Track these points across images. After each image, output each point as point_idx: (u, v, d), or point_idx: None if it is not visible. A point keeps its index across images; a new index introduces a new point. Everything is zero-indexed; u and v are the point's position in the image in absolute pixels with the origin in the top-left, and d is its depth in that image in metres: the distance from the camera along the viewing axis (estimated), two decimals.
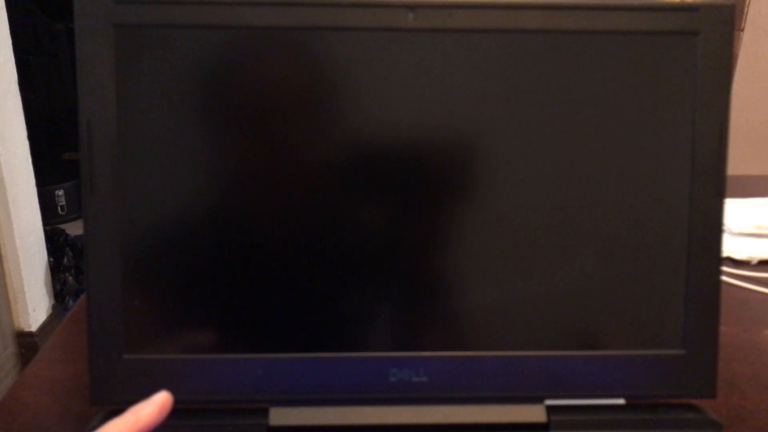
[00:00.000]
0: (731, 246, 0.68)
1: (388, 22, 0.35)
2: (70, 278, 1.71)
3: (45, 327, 1.56)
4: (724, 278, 0.60)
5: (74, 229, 1.96)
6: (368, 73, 0.36)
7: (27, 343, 1.51)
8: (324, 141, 0.36)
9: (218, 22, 0.35)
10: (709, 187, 0.37)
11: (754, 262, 0.66)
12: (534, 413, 0.37)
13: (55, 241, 1.78)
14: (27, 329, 1.52)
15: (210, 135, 0.36)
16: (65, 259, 1.74)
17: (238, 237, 0.37)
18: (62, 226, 1.96)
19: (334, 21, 0.35)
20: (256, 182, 0.37)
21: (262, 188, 0.37)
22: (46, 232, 1.62)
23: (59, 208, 2.19)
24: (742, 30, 1.69)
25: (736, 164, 0.51)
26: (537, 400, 0.38)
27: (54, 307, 1.63)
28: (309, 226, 0.37)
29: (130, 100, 0.35)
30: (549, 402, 0.38)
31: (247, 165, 0.36)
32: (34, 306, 1.53)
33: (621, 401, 0.38)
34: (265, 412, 0.37)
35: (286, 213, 0.37)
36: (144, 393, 0.36)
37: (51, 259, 1.65)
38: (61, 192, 2.18)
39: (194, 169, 0.36)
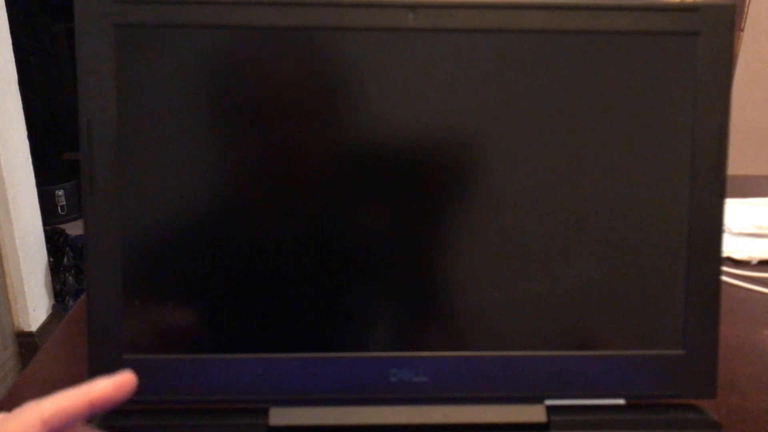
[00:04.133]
0: (731, 246, 0.68)
1: (388, 22, 0.35)
2: (70, 278, 1.71)
3: (45, 327, 1.56)
4: (724, 278, 0.60)
5: (74, 229, 1.96)
6: (369, 74, 0.36)
7: (27, 343, 1.51)
8: (324, 141, 0.36)
9: (218, 21, 0.35)
10: (710, 188, 0.37)
11: (754, 262, 0.66)
12: (534, 413, 0.37)
13: (55, 241, 1.78)
14: (27, 329, 1.52)
15: (210, 135, 0.36)
16: (65, 259, 1.74)
17: (239, 237, 0.37)
18: (62, 226, 1.96)
19: (335, 21, 0.35)
20: (256, 182, 0.37)
21: (262, 188, 0.37)
22: (46, 232, 1.61)
23: (59, 208, 2.19)
24: (742, 30, 1.69)
25: (736, 164, 0.51)
26: (537, 400, 0.38)
27: (54, 307, 1.63)
28: (309, 226, 0.37)
29: (131, 99, 0.35)
30: (549, 402, 0.38)
31: (247, 165, 0.36)
32: (34, 306, 1.53)
33: (621, 401, 0.38)
34: (265, 412, 0.37)
35: (287, 213, 0.37)
36: (144, 392, 0.36)
37: (51, 259, 1.65)
38: (61, 192, 2.18)
39: (194, 168, 0.36)
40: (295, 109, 0.36)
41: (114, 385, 0.31)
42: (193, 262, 0.37)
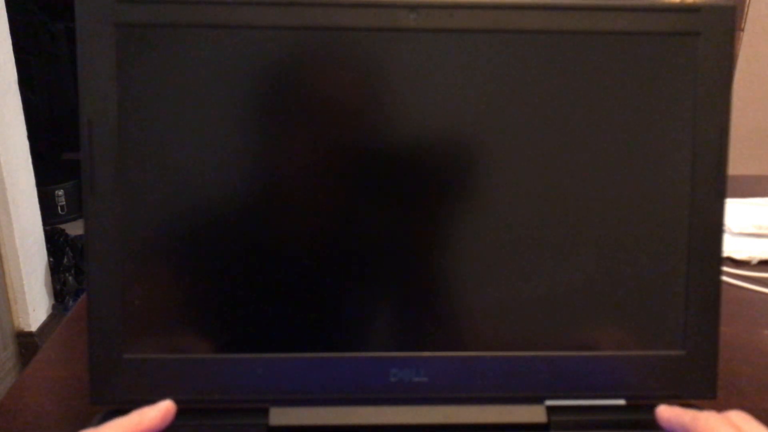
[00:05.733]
0: (731, 246, 0.68)
1: (389, 22, 0.35)
2: (70, 278, 1.71)
3: (45, 327, 1.56)
4: (724, 278, 0.60)
5: (74, 229, 1.96)
6: (369, 74, 0.36)
7: (27, 343, 1.51)
8: (325, 141, 0.36)
9: (219, 21, 0.35)
10: (710, 188, 0.37)
11: (754, 262, 0.66)
12: (534, 413, 0.37)
13: (55, 241, 1.78)
14: (27, 329, 1.52)
15: (211, 134, 0.36)
16: (65, 259, 1.74)
17: (239, 237, 0.37)
18: (62, 226, 1.95)
19: (336, 21, 0.35)
20: (257, 182, 0.37)
21: (263, 188, 0.37)
22: (46, 232, 1.61)
23: (59, 208, 2.18)
24: (742, 30, 1.69)
25: (736, 164, 0.51)
26: (537, 400, 0.38)
27: (54, 307, 1.63)
28: (309, 226, 0.37)
29: (132, 99, 0.35)
30: (549, 402, 0.38)
31: (247, 165, 0.36)
32: (34, 306, 1.53)
33: (621, 402, 0.38)
34: (265, 412, 0.37)
35: (287, 213, 0.37)
36: (144, 392, 0.36)
37: (51, 259, 1.65)
38: (61, 192, 2.18)
39: (195, 168, 0.36)
40: (295, 109, 0.36)
41: (161, 414, 0.34)
42: (193, 263, 0.37)
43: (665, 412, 0.35)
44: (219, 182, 0.36)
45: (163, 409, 0.34)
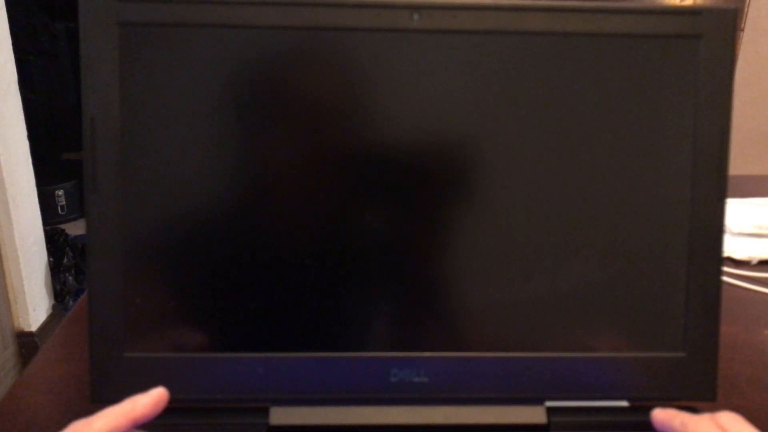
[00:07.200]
0: (731, 246, 0.68)
1: (392, 22, 0.35)
2: (70, 278, 1.71)
3: (45, 327, 1.56)
4: (724, 278, 0.60)
5: (74, 229, 1.96)
6: (372, 74, 0.36)
7: (27, 343, 1.51)
8: (327, 141, 0.36)
9: (221, 21, 0.35)
10: (711, 190, 0.37)
11: (754, 262, 0.66)
12: (534, 414, 0.37)
13: (55, 241, 1.78)
14: (27, 329, 1.52)
15: (213, 133, 0.36)
16: (65, 259, 1.74)
17: (240, 237, 0.37)
18: (62, 226, 1.95)
19: (339, 21, 0.35)
20: (259, 182, 0.37)
21: (265, 188, 0.37)
22: (46, 232, 1.61)
23: (59, 208, 2.18)
24: (742, 30, 1.69)
25: (736, 164, 0.51)
26: (537, 401, 0.38)
27: (54, 307, 1.63)
28: (310, 226, 0.37)
29: (134, 98, 0.35)
30: (549, 403, 0.38)
31: (249, 164, 0.36)
32: (34, 306, 1.53)
33: (621, 403, 0.38)
34: (265, 412, 0.37)
35: (288, 213, 0.37)
36: (144, 391, 0.36)
37: (51, 259, 1.65)
38: (61, 192, 2.18)
39: (197, 168, 0.36)
40: (297, 109, 0.36)
41: (153, 402, 0.33)
42: (195, 262, 0.37)
43: (659, 414, 0.35)
44: (221, 182, 0.36)
45: (155, 396, 0.34)
